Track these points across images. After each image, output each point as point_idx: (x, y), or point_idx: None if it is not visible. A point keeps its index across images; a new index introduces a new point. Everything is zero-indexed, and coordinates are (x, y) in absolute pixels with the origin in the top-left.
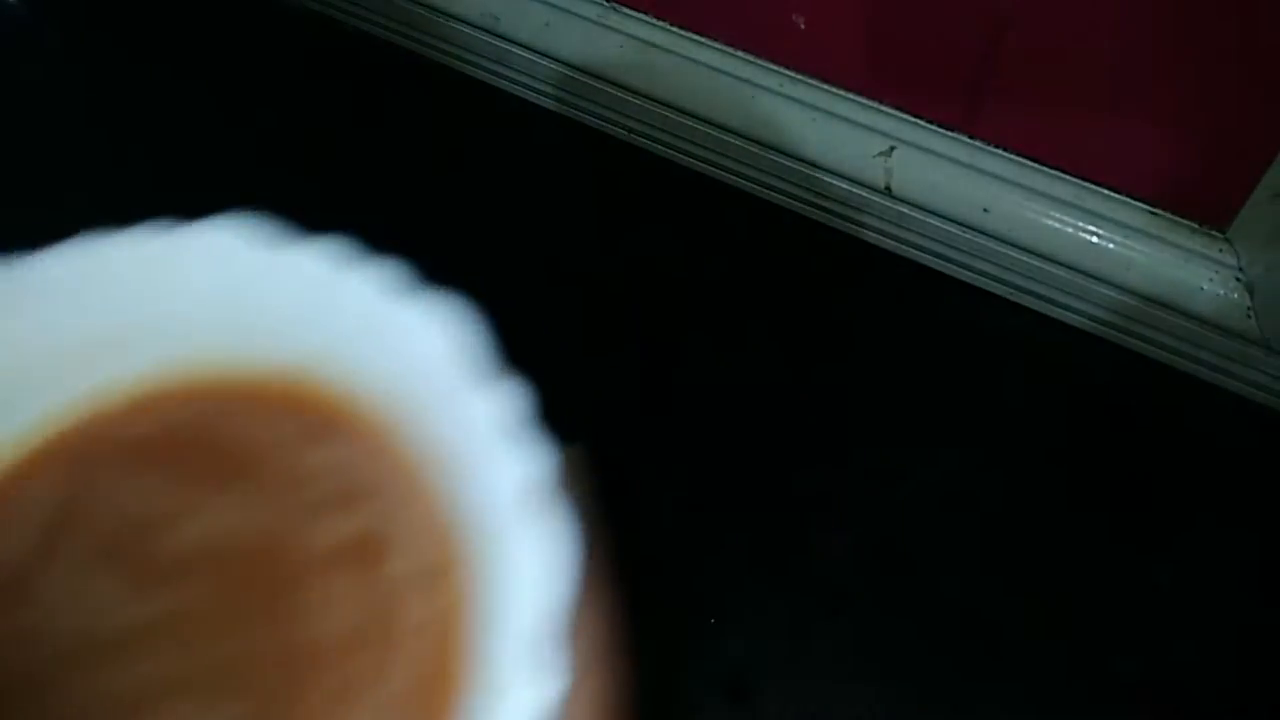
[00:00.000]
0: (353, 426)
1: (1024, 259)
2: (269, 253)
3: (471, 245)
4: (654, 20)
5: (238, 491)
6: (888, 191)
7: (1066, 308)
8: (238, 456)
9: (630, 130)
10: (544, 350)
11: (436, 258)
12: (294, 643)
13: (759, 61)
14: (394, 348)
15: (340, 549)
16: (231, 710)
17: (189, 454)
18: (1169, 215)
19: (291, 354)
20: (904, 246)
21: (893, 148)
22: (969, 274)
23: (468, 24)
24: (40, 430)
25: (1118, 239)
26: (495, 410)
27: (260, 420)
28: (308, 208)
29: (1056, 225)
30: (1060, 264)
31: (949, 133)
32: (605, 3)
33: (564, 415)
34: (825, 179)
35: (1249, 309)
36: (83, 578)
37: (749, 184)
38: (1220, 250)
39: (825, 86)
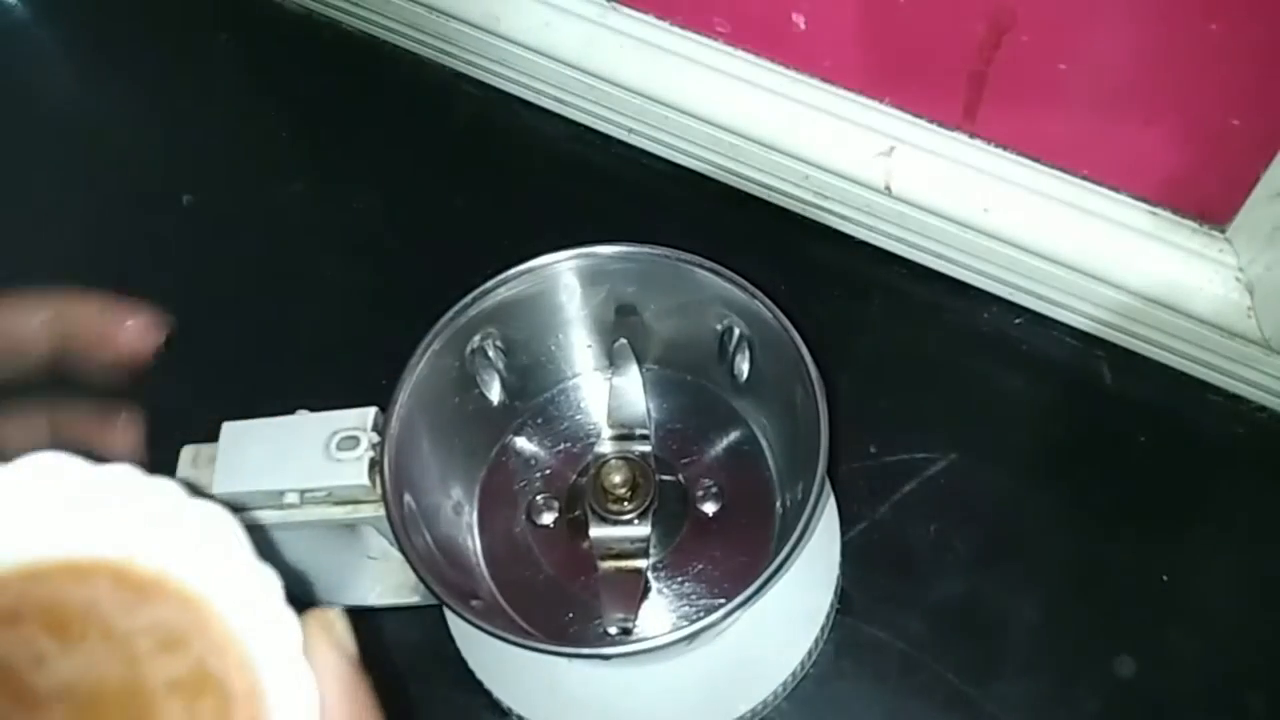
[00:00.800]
0: (166, 594)
1: (1024, 259)
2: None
3: (471, 244)
4: (654, 20)
5: (89, 644)
6: (888, 191)
7: (1066, 308)
8: (82, 619)
9: (630, 130)
10: None
11: (436, 256)
12: None
13: (759, 61)
14: (187, 536)
15: (176, 683)
16: None
17: (43, 620)
18: (1169, 215)
19: (112, 546)
20: (904, 246)
21: (893, 148)
22: (969, 274)
23: (468, 24)
24: None
25: (1118, 239)
26: (266, 582)
27: (95, 594)
28: (306, 206)
29: (1056, 225)
30: (1060, 264)
31: (949, 133)
32: (605, 3)
33: None
34: (825, 179)
35: (1249, 309)
36: None
37: (749, 183)
38: (1220, 250)
39: (825, 86)
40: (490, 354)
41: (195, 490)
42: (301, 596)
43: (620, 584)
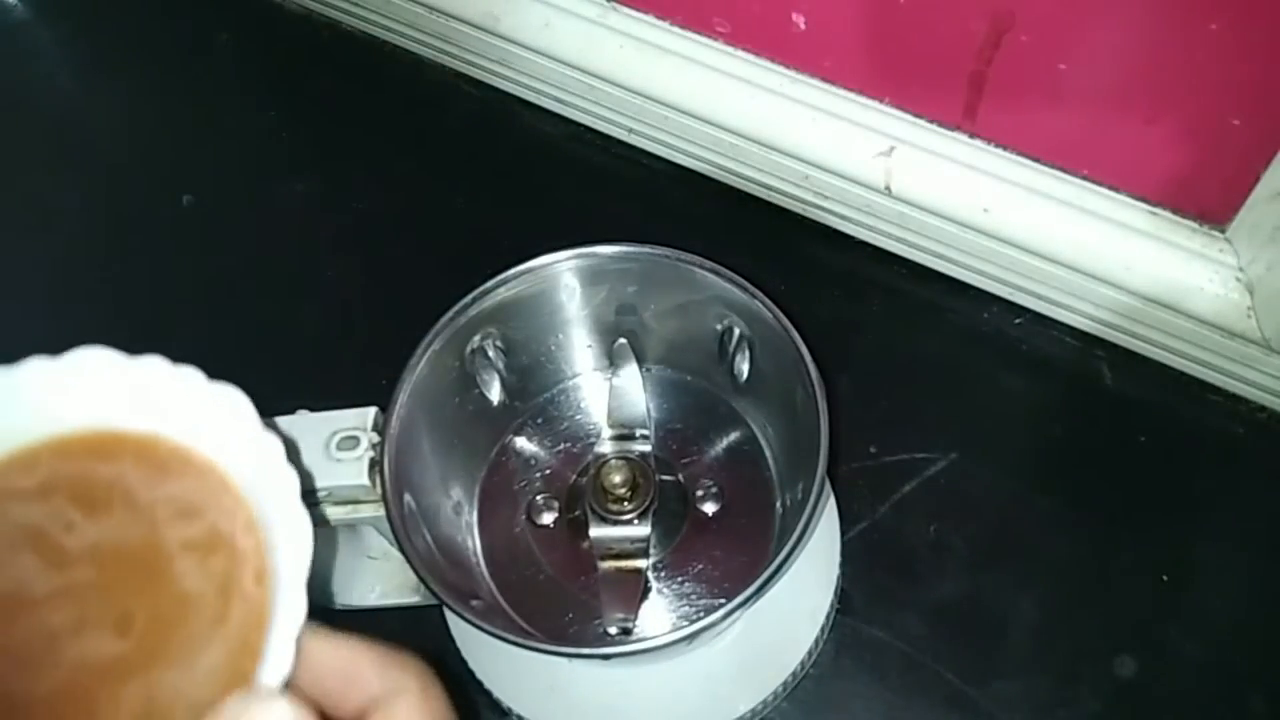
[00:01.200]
0: (185, 467)
1: (1024, 259)
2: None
3: (471, 244)
4: (654, 20)
5: (113, 513)
6: (888, 191)
7: (1066, 308)
8: (108, 492)
9: (630, 130)
10: None
11: (436, 256)
12: (168, 598)
13: (759, 61)
14: (204, 414)
15: (191, 543)
16: (122, 645)
17: (73, 492)
18: (1169, 215)
19: (137, 425)
20: (904, 246)
21: (893, 148)
22: (969, 274)
23: (468, 24)
24: None
25: (1118, 239)
26: (270, 448)
27: (121, 469)
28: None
29: (1056, 225)
30: (1060, 264)
31: (949, 133)
32: (605, 2)
33: None
34: (825, 179)
35: (1249, 309)
36: (7, 559)
37: (749, 183)
38: (1220, 250)
39: (825, 86)
40: (490, 354)
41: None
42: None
43: (620, 584)
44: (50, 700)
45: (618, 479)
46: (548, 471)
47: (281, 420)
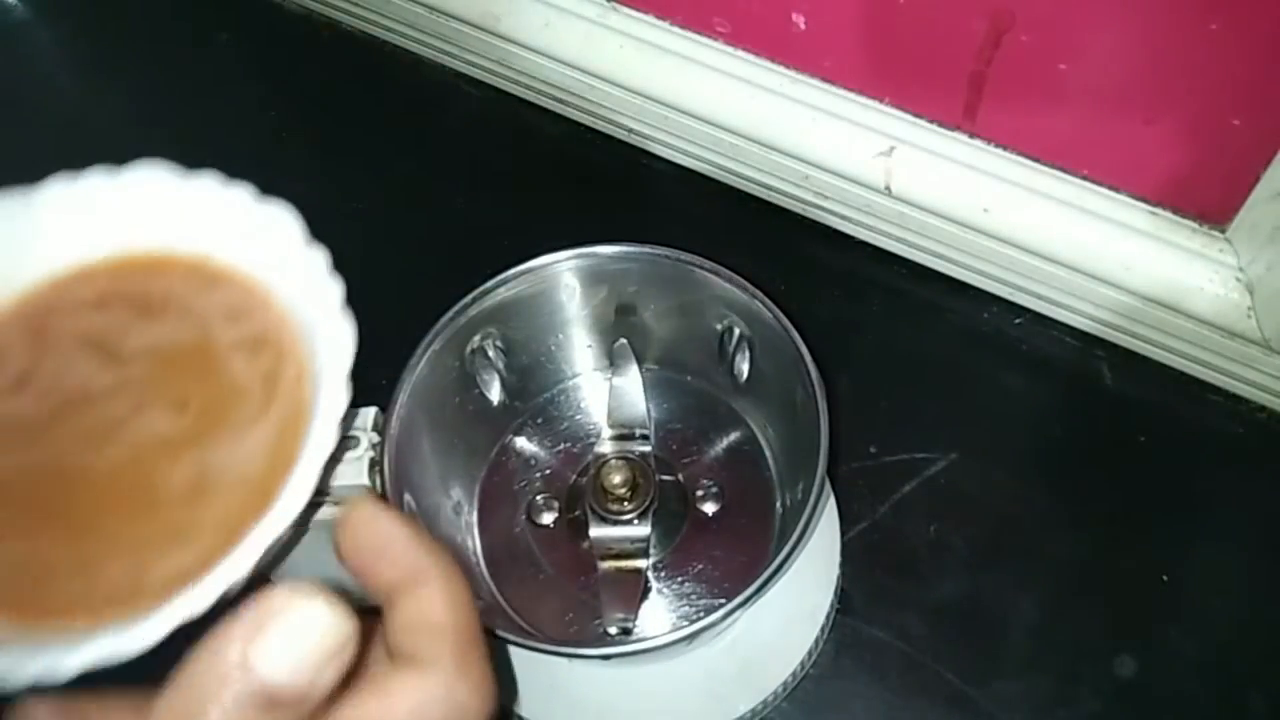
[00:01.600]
0: (234, 281)
1: (1024, 259)
2: (180, 180)
3: (471, 244)
4: (654, 20)
5: (167, 318)
6: (888, 191)
7: (1066, 308)
8: (162, 301)
9: (630, 130)
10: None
11: (436, 256)
12: (218, 388)
13: (759, 61)
14: (252, 231)
15: (240, 342)
16: (177, 423)
17: (129, 303)
18: (1169, 215)
19: (190, 243)
20: (904, 246)
21: (893, 148)
22: (969, 274)
23: (468, 24)
24: (21, 290)
25: (1118, 239)
26: (315, 261)
27: (173, 283)
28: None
29: (1056, 225)
30: (1060, 264)
31: (949, 133)
32: (605, 2)
33: None
34: (825, 179)
35: (1249, 309)
36: (70, 358)
37: (749, 183)
38: (1220, 250)
39: (825, 86)
40: (490, 354)
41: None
42: None
43: (620, 584)
44: (111, 472)
45: (618, 479)
46: (548, 471)
47: None
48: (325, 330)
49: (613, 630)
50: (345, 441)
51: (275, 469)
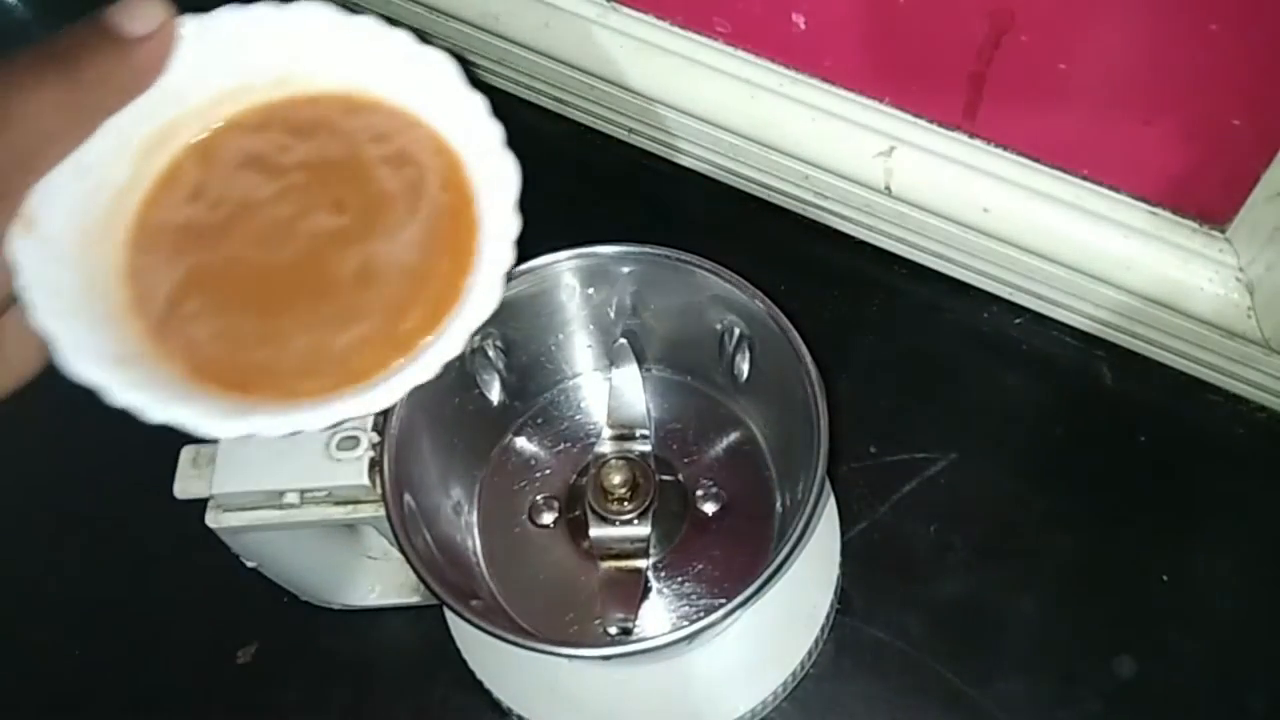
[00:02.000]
0: (383, 110)
1: (1024, 259)
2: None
3: None
4: (654, 20)
5: (318, 138)
6: (888, 191)
7: (1066, 308)
8: (313, 125)
9: (630, 130)
10: None
11: None
12: (370, 194)
13: (759, 61)
14: (408, 71)
15: (385, 158)
16: (340, 220)
17: (284, 126)
18: (1169, 215)
19: (342, 74)
20: (904, 246)
21: (893, 148)
22: (969, 274)
23: (468, 24)
24: (188, 109)
25: (1118, 239)
26: (474, 103)
27: (325, 111)
28: None
29: (1056, 225)
30: (1060, 264)
31: (949, 133)
32: (605, 2)
33: None
34: (825, 179)
35: (1249, 309)
36: (234, 174)
37: (749, 183)
38: (1220, 250)
39: (825, 86)
40: (490, 354)
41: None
42: (302, 596)
43: (620, 584)
44: (292, 265)
45: (618, 479)
46: (548, 471)
47: None
48: (486, 166)
49: (613, 630)
50: (345, 441)
51: (429, 260)
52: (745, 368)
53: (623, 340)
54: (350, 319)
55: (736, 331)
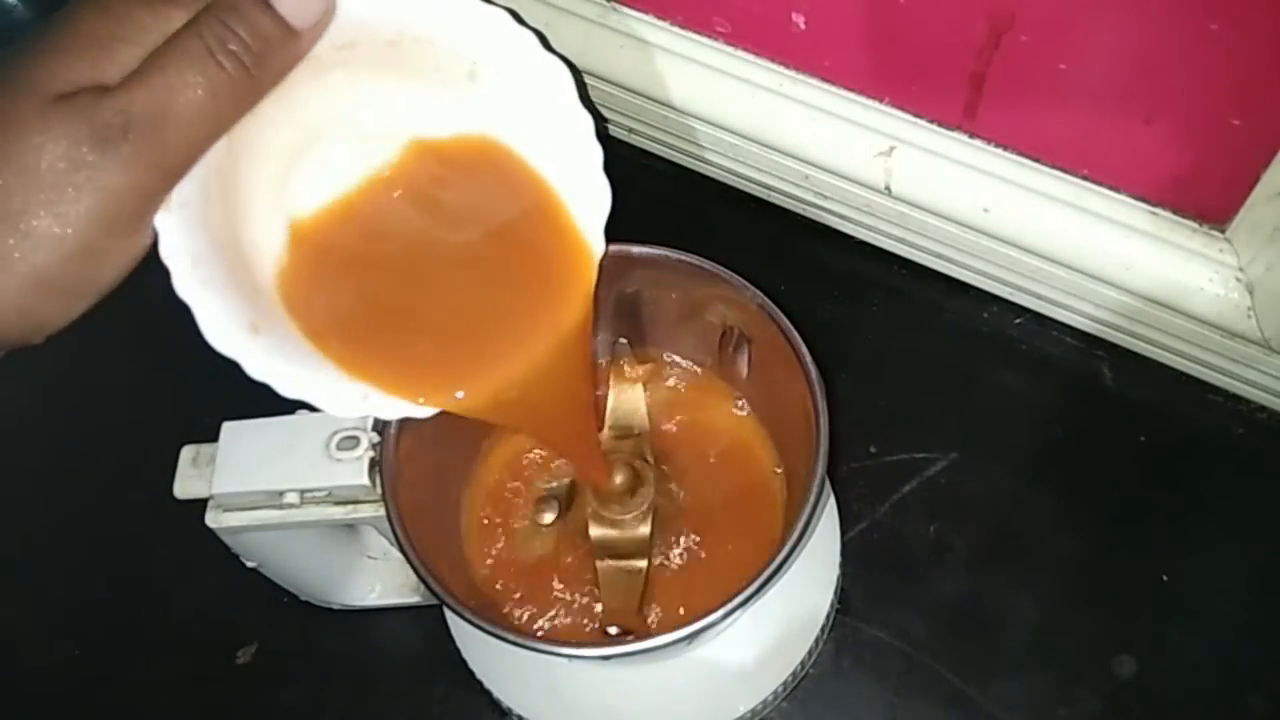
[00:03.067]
0: (508, 162)
1: (1024, 259)
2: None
3: None
4: (654, 20)
5: (462, 187)
6: (888, 191)
7: (1066, 308)
8: (456, 176)
9: (630, 130)
10: None
11: None
12: (507, 239)
13: (759, 61)
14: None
15: (517, 214)
16: (488, 248)
17: (429, 176)
18: (1169, 215)
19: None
20: (904, 246)
21: (893, 148)
22: (969, 274)
23: None
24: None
25: (1118, 239)
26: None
27: (462, 160)
28: None
29: (1056, 225)
30: (1060, 264)
31: (949, 133)
32: (605, 3)
33: None
34: (825, 179)
35: (1249, 309)
36: (400, 212)
37: (749, 183)
38: (1220, 250)
39: (825, 86)
40: None
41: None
42: (302, 596)
43: (620, 584)
44: (456, 289)
45: (618, 479)
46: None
47: (282, 420)
48: (581, 193)
49: (613, 630)
50: (345, 441)
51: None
52: (745, 367)
53: (623, 340)
54: (503, 336)
55: (736, 331)
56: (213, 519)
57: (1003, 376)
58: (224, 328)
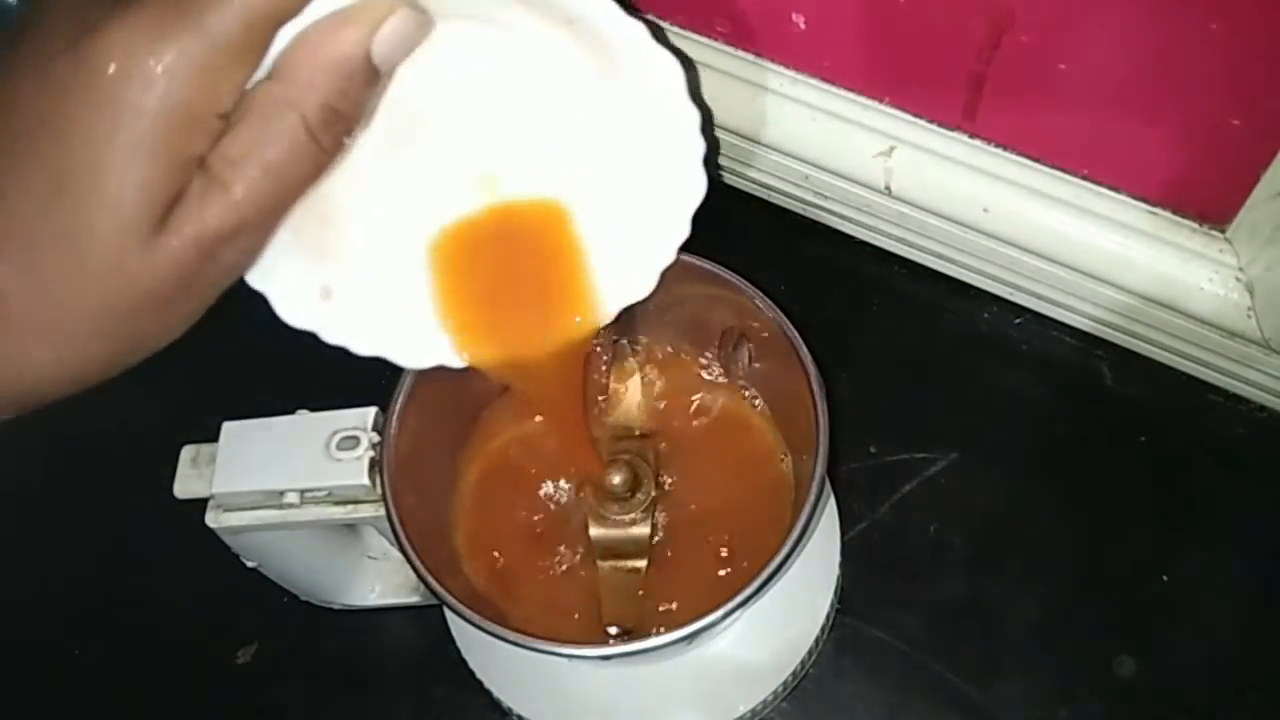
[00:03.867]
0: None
1: (1024, 259)
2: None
3: None
4: (654, 20)
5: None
6: (888, 191)
7: (1066, 308)
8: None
9: None
10: None
11: None
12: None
13: (759, 61)
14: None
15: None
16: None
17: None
18: (1169, 215)
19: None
20: (904, 246)
21: (893, 148)
22: (969, 274)
23: None
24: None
25: (1118, 239)
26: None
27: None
28: None
29: (1056, 225)
30: (1060, 264)
31: (949, 133)
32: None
33: None
34: (825, 179)
35: (1249, 309)
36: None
37: (749, 183)
38: (1220, 250)
39: (825, 86)
40: None
41: None
42: (302, 596)
43: (620, 584)
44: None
45: (618, 479)
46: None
47: (282, 420)
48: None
49: (613, 630)
50: (345, 441)
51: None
52: (745, 367)
53: (623, 340)
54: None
55: (737, 331)
56: (213, 519)
57: (1003, 376)
58: (296, 297)
